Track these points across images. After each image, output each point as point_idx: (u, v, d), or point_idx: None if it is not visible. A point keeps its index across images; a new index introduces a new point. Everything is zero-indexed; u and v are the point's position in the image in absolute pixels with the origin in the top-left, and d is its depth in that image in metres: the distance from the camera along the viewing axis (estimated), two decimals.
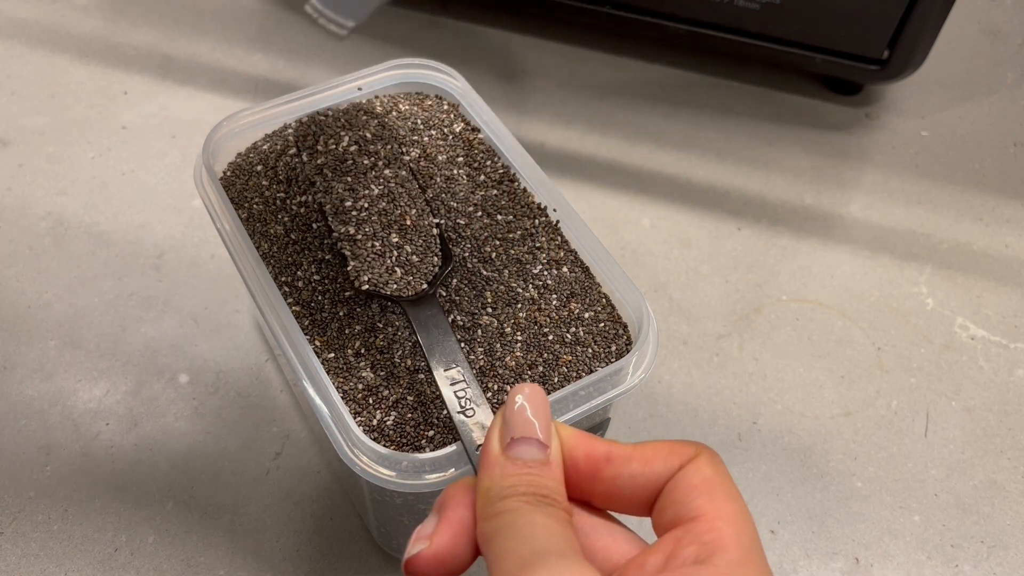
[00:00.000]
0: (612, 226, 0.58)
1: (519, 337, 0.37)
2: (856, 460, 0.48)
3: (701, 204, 0.60)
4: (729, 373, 0.51)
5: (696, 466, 0.25)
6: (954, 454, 0.49)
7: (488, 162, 0.42)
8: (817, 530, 0.46)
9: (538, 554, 0.22)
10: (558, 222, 0.41)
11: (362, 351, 0.36)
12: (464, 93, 0.44)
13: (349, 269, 0.36)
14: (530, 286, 0.38)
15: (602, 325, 0.38)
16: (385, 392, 0.35)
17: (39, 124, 0.61)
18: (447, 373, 0.32)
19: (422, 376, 0.36)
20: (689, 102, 0.66)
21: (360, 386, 0.35)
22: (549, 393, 0.35)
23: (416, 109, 0.43)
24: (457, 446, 0.33)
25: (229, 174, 0.42)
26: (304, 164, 0.38)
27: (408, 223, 0.37)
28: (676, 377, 0.51)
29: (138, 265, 0.54)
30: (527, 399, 0.26)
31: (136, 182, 0.58)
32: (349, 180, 0.37)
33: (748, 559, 0.23)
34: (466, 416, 0.31)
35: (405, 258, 0.36)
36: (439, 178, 0.40)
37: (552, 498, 0.24)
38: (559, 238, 0.40)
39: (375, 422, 0.35)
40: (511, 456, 0.25)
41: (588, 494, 0.27)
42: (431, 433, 0.34)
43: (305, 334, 0.36)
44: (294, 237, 0.39)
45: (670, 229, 0.58)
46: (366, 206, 0.36)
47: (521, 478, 0.25)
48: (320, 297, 0.38)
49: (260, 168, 0.41)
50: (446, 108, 0.44)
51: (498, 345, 0.37)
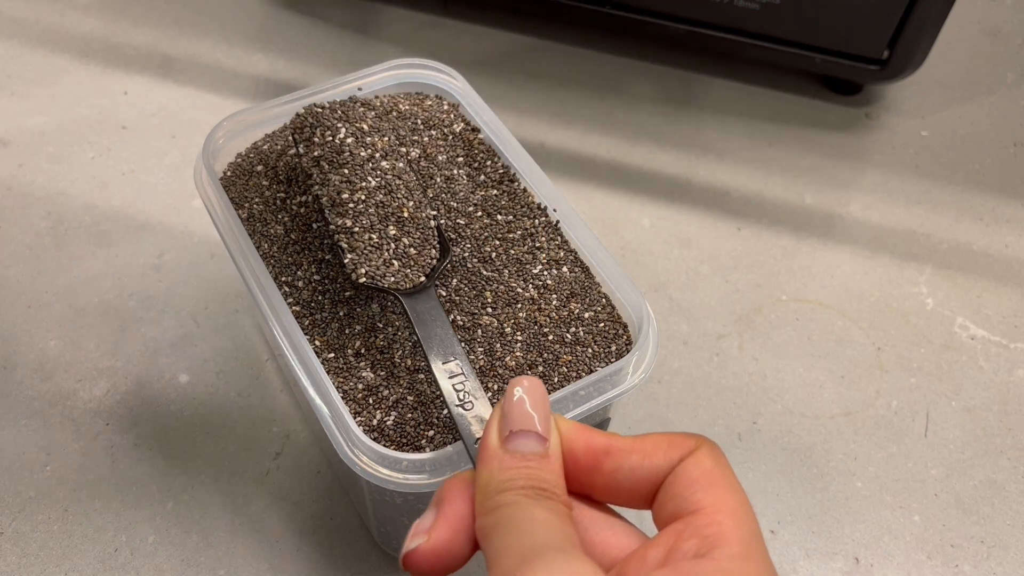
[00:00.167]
0: (612, 226, 0.58)
1: (519, 337, 0.37)
2: (856, 460, 0.48)
3: (701, 204, 0.59)
4: (729, 373, 0.51)
5: (696, 459, 0.25)
6: (954, 454, 0.49)
7: (488, 162, 0.42)
8: (817, 530, 0.46)
9: (537, 549, 0.22)
10: (558, 222, 0.41)
11: (362, 351, 0.36)
12: (464, 93, 0.44)
13: (346, 262, 0.35)
14: (530, 286, 0.38)
15: (602, 325, 0.38)
16: (385, 392, 0.35)
17: (39, 124, 0.61)
18: (445, 366, 0.32)
19: (422, 376, 0.36)
20: (689, 102, 0.66)
21: (360, 386, 0.35)
22: (549, 393, 0.35)
23: (416, 109, 0.43)
24: (457, 446, 0.33)
25: (229, 174, 0.42)
26: (301, 156, 0.38)
27: (406, 215, 0.36)
28: (676, 377, 0.51)
29: (138, 265, 0.54)
30: (526, 392, 0.26)
31: (136, 182, 0.58)
32: (346, 172, 0.36)
33: (749, 552, 0.23)
34: (464, 409, 0.31)
35: (403, 250, 0.36)
36: (439, 178, 0.40)
37: (551, 492, 0.24)
38: (559, 238, 0.40)
39: (375, 422, 0.35)
40: (510, 449, 0.25)
41: (588, 487, 0.26)
42: (431, 433, 0.34)
43: (305, 334, 0.36)
44: (294, 237, 0.39)
45: (670, 229, 0.58)
46: (363, 198, 0.36)
47: (520, 471, 0.24)
48: (320, 297, 0.38)
49: (260, 168, 0.41)
50: (446, 108, 0.44)
51: (498, 345, 0.37)
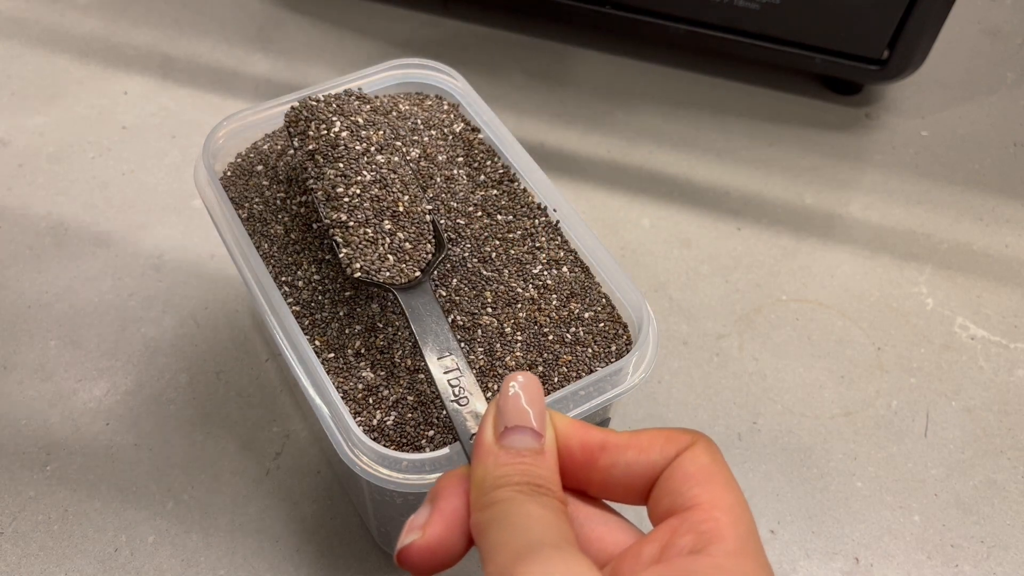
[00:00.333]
0: (612, 226, 0.58)
1: (519, 337, 0.37)
2: (856, 460, 0.48)
3: (701, 204, 0.59)
4: (729, 373, 0.51)
5: (692, 454, 0.25)
6: (954, 454, 0.49)
7: (488, 162, 0.42)
8: (817, 530, 0.46)
9: (532, 545, 0.22)
10: (558, 222, 0.41)
11: (362, 351, 0.36)
12: (464, 93, 0.44)
13: (341, 256, 0.35)
14: (530, 286, 0.38)
15: (602, 325, 0.38)
16: (385, 392, 0.35)
17: (39, 124, 0.61)
18: (440, 361, 0.32)
19: (422, 376, 0.36)
20: (689, 102, 0.66)
21: (360, 386, 0.35)
22: (549, 393, 0.35)
23: (416, 109, 0.43)
24: (456, 446, 0.32)
25: (229, 174, 0.42)
26: (296, 150, 0.38)
27: (401, 210, 0.36)
28: (676, 377, 0.51)
29: (138, 265, 0.54)
30: (521, 387, 0.26)
31: (136, 182, 0.58)
32: (341, 166, 0.36)
33: (745, 549, 0.23)
34: (460, 405, 0.31)
35: (398, 245, 0.36)
36: (439, 178, 0.40)
37: (546, 487, 0.24)
38: (559, 238, 0.40)
39: (375, 422, 0.35)
40: (505, 445, 0.25)
41: (584, 483, 0.26)
42: (431, 433, 0.34)
43: (305, 334, 0.36)
44: (294, 237, 0.39)
45: (670, 229, 0.58)
46: (358, 192, 0.36)
47: (515, 467, 0.24)
48: (320, 297, 0.38)
49: (260, 168, 0.41)
50: (446, 108, 0.44)
51: (498, 345, 0.37)
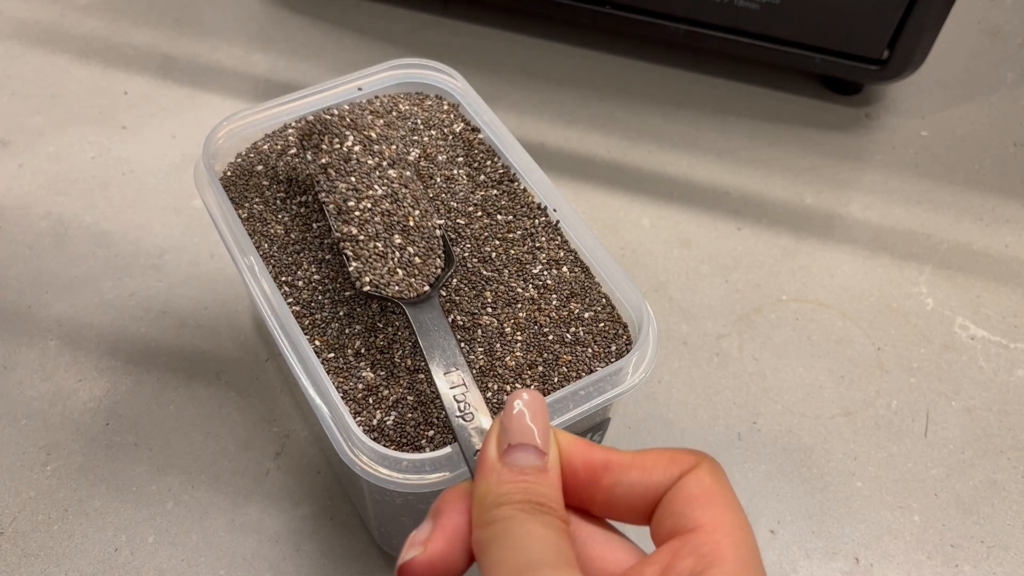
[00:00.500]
0: (612, 226, 0.58)
1: (519, 337, 0.37)
2: (856, 460, 0.48)
3: (701, 204, 0.59)
4: (729, 373, 0.51)
5: (696, 476, 0.25)
6: (954, 454, 0.49)
7: (488, 162, 0.42)
8: (817, 530, 0.46)
9: (531, 565, 0.22)
10: (558, 222, 0.41)
11: (362, 351, 0.36)
12: (464, 93, 0.44)
13: (351, 270, 0.35)
14: (530, 286, 0.38)
15: (602, 325, 0.38)
16: (385, 392, 0.35)
17: (39, 124, 0.61)
18: (447, 376, 0.32)
19: (422, 376, 0.36)
20: (689, 102, 0.66)
21: (360, 386, 0.35)
22: (549, 393, 0.35)
23: (416, 109, 0.43)
24: (457, 446, 0.32)
25: (229, 174, 0.42)
26: (308, 163, 0.38)
27: (411, 224, 0.37)
28: (676, 377, 0.51)
29: (138, 265, 0.54)
30: (526, 405, 0.26)
31: (136, 182, 0.58)
32: (353, 180, 0.37)
33: (745, 573, 0.23)
34: (465, 420, 0.31)
35: (407, 259, 0.36)
36: (439, 178, 0.40)
37: (548, 506, 0.24)
38: (559, 238, 0.40)
39: (375, 422, 0.35)
40: (508, 463, 0.25)
41: (586, 502, 0.26)
42: (431, 433, 0.34)
43: (305, 334, 0.36)
44: (294, 237, 0.39)
45: (670, 229, 0.58)
46: (369, 207, 0.36)
47: (517, 485, 0.24)
48: (320, 297, 0.38)
49: (260, 168, 0.41)
50: (446, 108, 0.44)
51: (498, 345, 0.37)
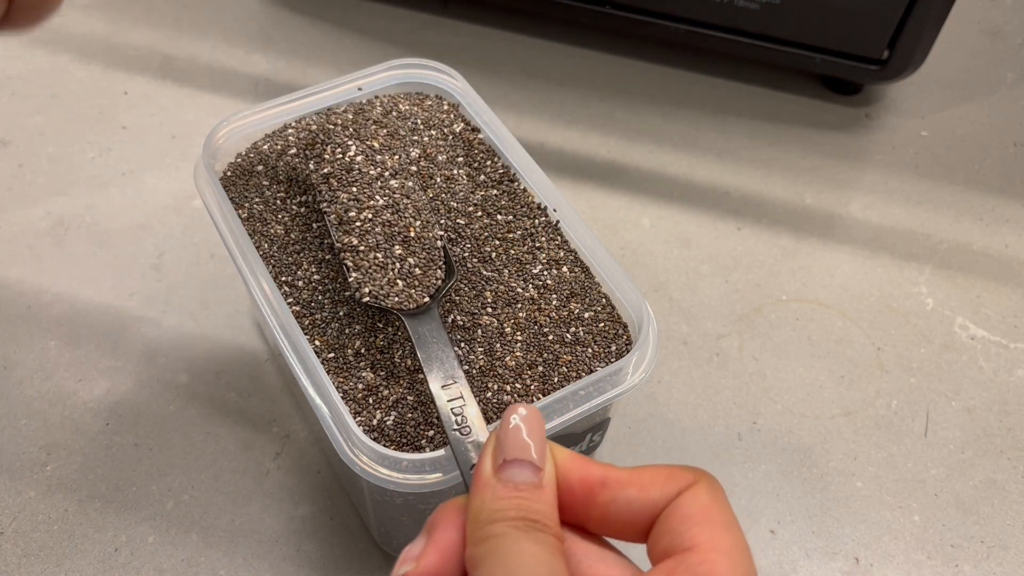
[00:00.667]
0: (612, 226, 0.58)
1: (519, 337, 0.37)
2: (856, 460, 0.48)
3: (701, 204, 0.59)
4: (729, 373, 0.51)
5: (694, 494, 0.24)
6: (954, 454, 0.49)
7: (488, 162, 0.42)
8: (817, 530, 0.46)
9: None
10: (558, 222, 0.41)
11: (362, 351, 0.36)
12: (464, 93, 0.44)
13: (351, 280, 0.35)
14: (530, 286, 0.39)
15: (602, 325, 0.38)
16: (385, 392, 0.35)
17: (39, 124, 0.61)
18: (445, 389, 0.32)
19: (422, 376, 0.36)
20: (689, 102, 0.66)
21: (360, 386, 0.35)
22: (549, 393, 0.35)
23: (416, 109, 0.43)
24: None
25: (229, 174, 0.42)
26: (311, 172, 0.38)
27: (412, 235, 0.36)
28: (676, 377, 0.51)
29: (138, 265, 0.54)
30: (523, 420, 0.25)
31: (136, 182, 0.58)
32: (354, 191, 0.36)
33: None
34: (462, 434, 0.30)
35: (408, 270, 0.36)
36: (439, 178, 0.40)
37: (543, 523, 0.24)
38: (559, 238, 0.40)
39: (375, 422, 0.35)
40: (503, 478, 0.24)
41: (582, 518, 0.26)
42: (431, 433, 0.34)
43: (305, 334, 0.36)
44: (294, 237, 0.39)
45: (670, 229, 0.58)
46: (370, 217, 0.36)
47: (511, 502, 0.24)
48: (320, 297, 0.38)
49: (260, 168, 0.41)
50: (446, 108, 0.44)
51: (498, 345, 0.37)
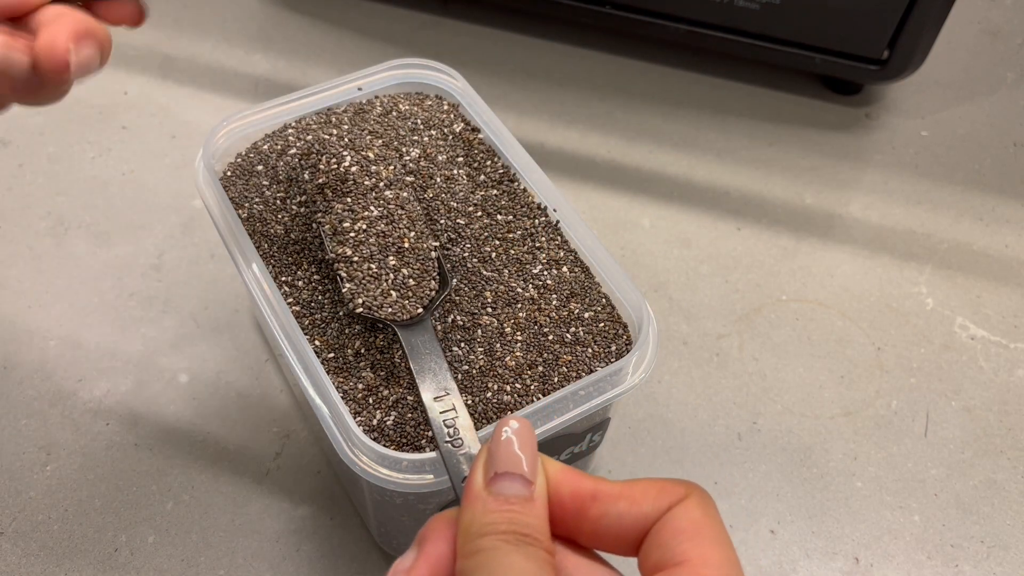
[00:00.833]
0: (612, 226, 0.58)
1: (519, 337, 0.37)
2: (856, 460, 0.48)
3: (701, 204, 0.59)
4: (729, 373, 0.51)
5: (685, 508, 0.24)
6: (954, 454, 0.49)
7: (488, 162, 0.42)
8: (817, 530, 0.46)
9: None
10: (558, 222, 0.41)
11: (362, 351, 0.36)
12: (464, 93, 0.44)
13: (344, 291, 0.35)
14: (530, 286, 0.38)
15: (602, 325, 0.38)
16: (385, 392, 0.35)
17: (39, 124, 0.61)
18: (437, 401, 0.32)
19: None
20: (689, 102, 0.66)
21: (360, 386, 0.35)
22: (549, 393, 0.35)
23: (416, 109, 0.43)
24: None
25: (229, 174, 0.42)
26: (306, 183, 0.38)
27: (406, 246, 0.36)
28: (676, 377, 0.51)
29: (138, 265, 0.54)
30: (514, 433, 0.25)
31: (136, 182, 0.58)
32: (349, 201, 0.36)
33: None
34: (454, 446, 0.30)
35: (401, 281, 0.36)
36: (439, 178, 0.40)
37: (533, 537, 0.24)
38: (559, 238, 0.40)
39: (375, 422, 0.35)
40: (494, 491, 0.24)
41: (573, 532, 0.26)
42: (431, 433, 0.34)
43: (305, 334, 0.36)
44: (294, 237, 0.39)
45: (670, 229, 0.58)
46: (364, 228, 0.36)
47: (502, 515, 0.24)
48: (320, 297, 0.38)
49: (260, 168, 0.41)
50: (446, 108, 0.44)
51: (498, 345, 0.37)
